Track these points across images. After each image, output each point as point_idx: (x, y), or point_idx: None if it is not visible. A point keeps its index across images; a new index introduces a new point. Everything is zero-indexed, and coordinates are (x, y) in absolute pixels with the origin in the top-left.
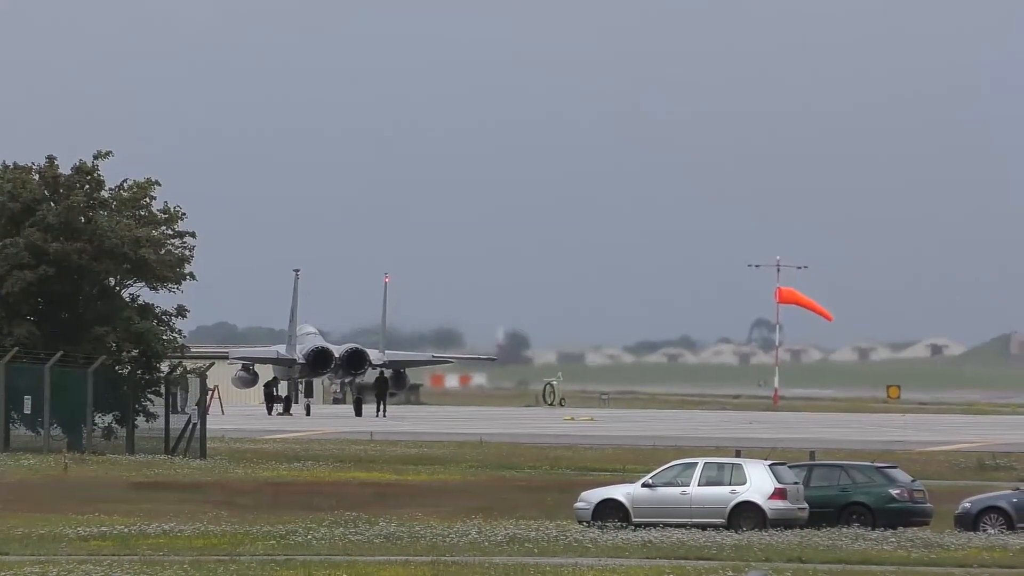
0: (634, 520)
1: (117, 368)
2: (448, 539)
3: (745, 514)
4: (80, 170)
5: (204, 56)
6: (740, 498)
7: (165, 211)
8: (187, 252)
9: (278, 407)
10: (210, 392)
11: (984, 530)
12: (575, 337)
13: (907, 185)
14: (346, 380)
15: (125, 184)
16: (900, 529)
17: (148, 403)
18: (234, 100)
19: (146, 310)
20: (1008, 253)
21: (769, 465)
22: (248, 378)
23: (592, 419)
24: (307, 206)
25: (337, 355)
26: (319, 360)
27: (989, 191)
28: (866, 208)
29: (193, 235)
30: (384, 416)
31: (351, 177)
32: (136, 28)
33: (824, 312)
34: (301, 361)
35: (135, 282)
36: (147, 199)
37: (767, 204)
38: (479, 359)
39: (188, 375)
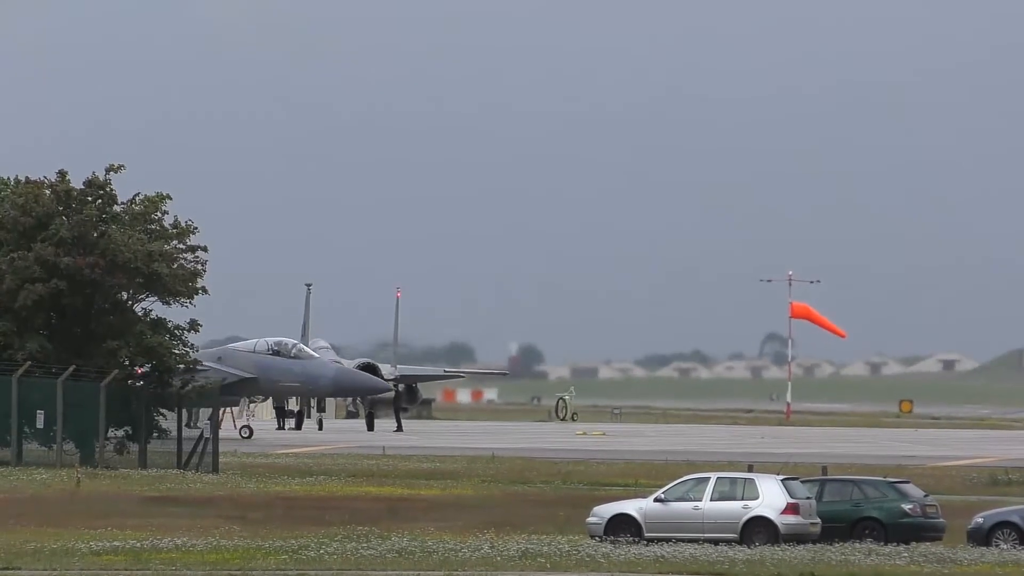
0: (646, 535)
1: (129, 382)
2: (460, 554)
3: (757, 529)
4: (92, 184)
5: (214, 69)
6: (752, 513)
7: (175, 225)
8: (199, 266)
9: (289, 422)
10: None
11: (997, 545)
12: (587, 351)
13: (919, 199)
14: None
15: (137, 198)
16: (912, 544)
17: (160, 417)
18: (246, 112)
19: (158, 324)
20: (1021, 267)
21: (781, 480)
22: None
23: (604, 434)
24: (319, 220)
25: None
26: None
27: (1002, 205)
28: (878, 222)
29: (205, 249)
30: (401, 430)
31: (363, 191)
32: (144, 42)
33: (837, 329)
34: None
35: (147, 296)
36: (159, 213)
37: (779, 218)
38: (491, 374)
39: (200, 389)
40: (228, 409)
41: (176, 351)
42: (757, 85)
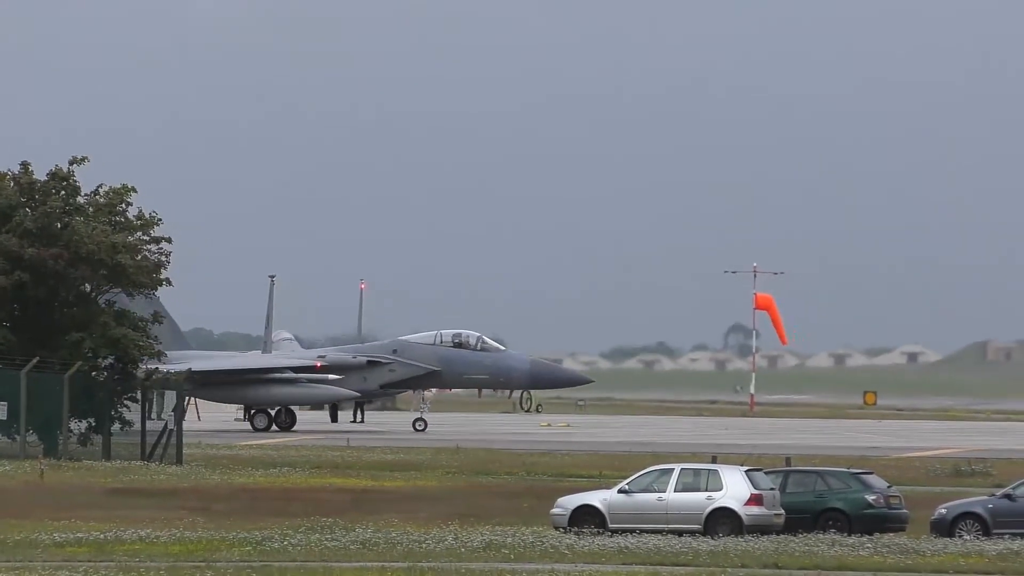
0: (611, 526)
1: (93, 374)
2: (425, 545)
3: (721, 520)
4: (56, 176)
5: (180, 61)
6: (716, 504)
7: (140, 217)
8: (163, 258)
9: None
10: (187, 398)
11: (960, 536)
12: (552, 343)
13: (883, 193)
14: None
15: (101, 190)
16: (876, 535)
17: (124, 409)
18: (212, 105)
19: (122, 316)
20: (984, 260)
21: (745, 471)
22: None
23: (568, 425)
24: (284, 212)
25: None
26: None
27: (965, 200)
28: (842, 215)
29: (169, 240)
30: (362, 422)
31: (327, 184)
32: (110, 33)
33: (783, 334)
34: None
35: (111, 288)
36: (123, 205)
37: (744, 210)
38: None
39: (164, 381)
40: (193, 400)
41: (140, 343)
42: (725, 83)
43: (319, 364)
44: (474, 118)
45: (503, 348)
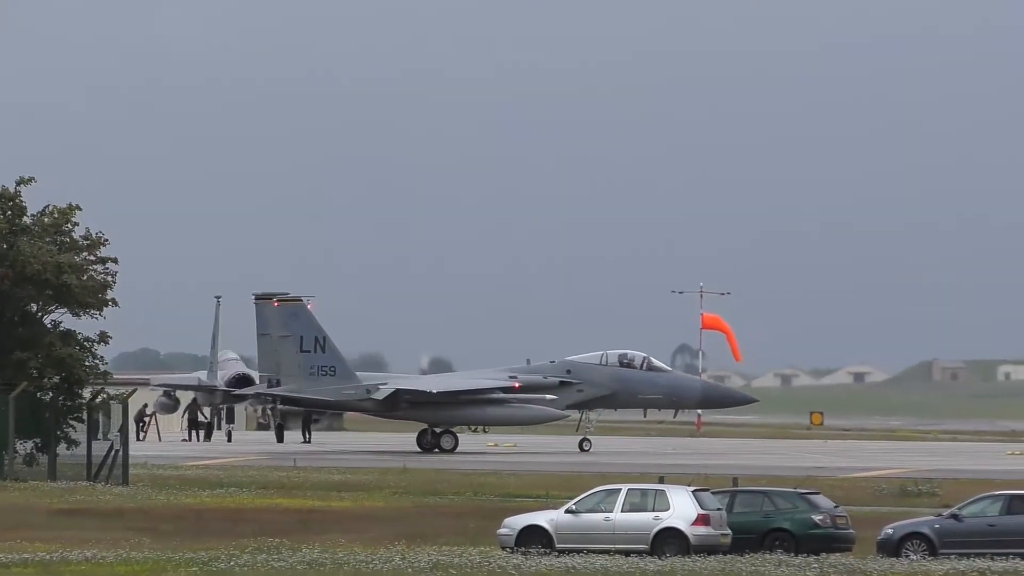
0: (558, 546)
1: (39, 394)
2: (371, 565)
3: (668, 540)
4: (2, 196)
5: (125, 77)
6: (663, 524)
7: (87, 237)
8: (109, 278)
9: (196, 433)
10: (148, 417)
11: (907, 556)
12: (498, 364)
13: (830, 211)
14: (268, 406)
15: (47, 210)
16: (823, 555)
17: (70, 429)
18: (156, 125)
19: (68, 336)
20: (930, 281)
21: (692, 491)
22: (170, 404)
23: (515, 445)
24: (228, 231)
25: (259, 381)
26: (240, 386)
27: (912, 217)
28: (787, 236)
29: (115, 261)
30: (309, 442)
31: (273, 202)
32: (49, 54)
33: (736, 350)
34: (223, 387)
35: (57, 308)
36: (69, 225)
37: (690, 230)
38: None
39: (110, 401)
40: (154, 420)
41: (86, 363)
42: (658, 98)
43: (517, 385)
44: (416, 126)
45: (668, 368)
